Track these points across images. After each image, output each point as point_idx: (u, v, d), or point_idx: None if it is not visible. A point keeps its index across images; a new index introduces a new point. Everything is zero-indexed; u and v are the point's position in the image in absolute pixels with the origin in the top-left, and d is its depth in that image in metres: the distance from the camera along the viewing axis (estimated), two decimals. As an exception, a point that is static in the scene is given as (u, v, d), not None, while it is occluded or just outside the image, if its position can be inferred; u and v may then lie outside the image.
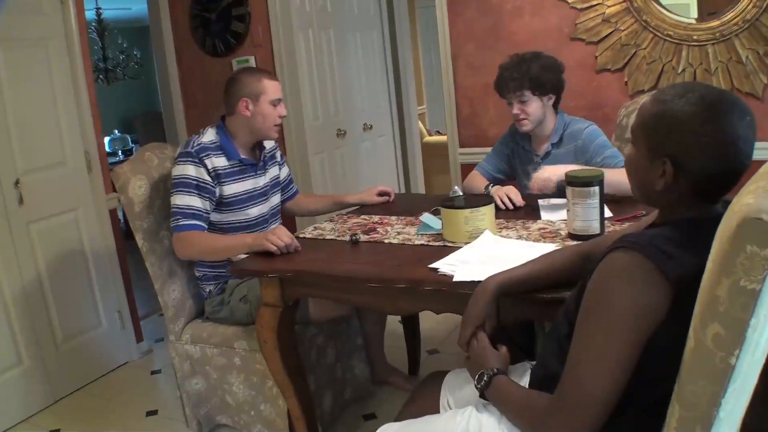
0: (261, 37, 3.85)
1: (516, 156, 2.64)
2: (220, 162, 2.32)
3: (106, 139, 7.69)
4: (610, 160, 2.33)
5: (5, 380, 2.78)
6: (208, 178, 2.28)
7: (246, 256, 2.17)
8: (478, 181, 2.60)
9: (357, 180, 4.42)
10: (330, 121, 4.23)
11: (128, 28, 7.89)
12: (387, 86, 4.95)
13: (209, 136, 2.35)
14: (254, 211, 2.42)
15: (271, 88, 2.34)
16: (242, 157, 2.38)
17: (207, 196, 2.28)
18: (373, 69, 4.76)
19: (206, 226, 2.29)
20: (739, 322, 0.94)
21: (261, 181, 2.45)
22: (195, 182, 2.26)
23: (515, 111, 2.43)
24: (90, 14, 6.32)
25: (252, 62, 3.88)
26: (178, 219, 2.24)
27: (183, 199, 2.25)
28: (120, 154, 7.74)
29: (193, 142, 2.31)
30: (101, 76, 7.17)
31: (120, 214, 3.45)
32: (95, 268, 3.19)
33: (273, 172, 2.54)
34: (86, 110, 3.15)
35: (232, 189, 2.34)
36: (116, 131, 8.42)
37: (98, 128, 3.24)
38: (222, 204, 2.34)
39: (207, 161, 2.28)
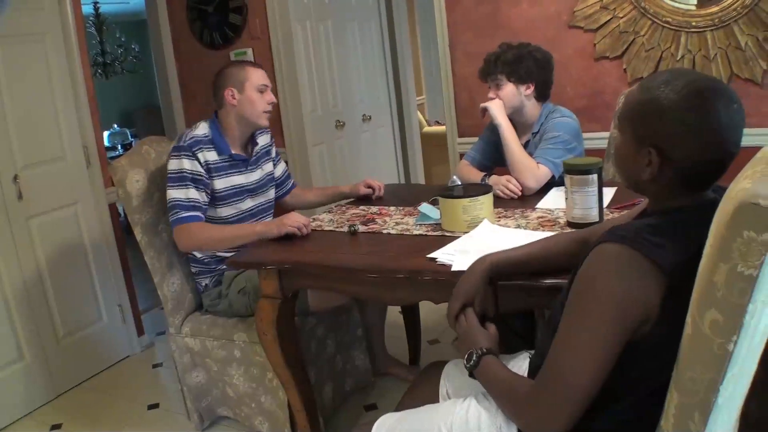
0: (258, 29, 3.83)
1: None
2: (211, 156, 2.32)
3: (105, 134, 7.68)
4: (542, 152, 2.34)
5: (7, 376, 2.79)
6: (202, 170, 2.28)
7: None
8: (469, 172, 2.57)
9: (356, 171, 4.40)
10: (329, 113, 4.22)
11: (126, 22, 7.85)
12: (386, 77, 4.93)
13: (202, 129, 2.35)
14: (244, 206, 2.42)
15: (255, 75, 2.36)
16: (233, 152, 2.37)
17: (203, 188, 2.28)
18: (372, 60, 4.74)
19: (204, 218, 2.29)
20: (737, 308, 0.94)
21: (252, 177, 2.44)
22: (191, 175, 2.26)
23: (490, 95, 2.48)
24: (87, 8, 6.33)
25: (249, 54, 3.87)
26: (178, 211, 2.24)
27: (181, 192, 2.25)
28: (120, 148, 7.73)
29: (186, 136, 2.31)
30: (99, 71, 7.16)
31: (120, 209, 3.44)
32: (95, 263, 3.19)
33: (267, 168, 2.53)
34: (84, 105, 3.14)
35: (222, 183, 2.34)
36: (115, 126, 8.40)
37: (97, 122, 3.23)
38: (214, 198, 2.34)
39: (199, 155, 2.28)
